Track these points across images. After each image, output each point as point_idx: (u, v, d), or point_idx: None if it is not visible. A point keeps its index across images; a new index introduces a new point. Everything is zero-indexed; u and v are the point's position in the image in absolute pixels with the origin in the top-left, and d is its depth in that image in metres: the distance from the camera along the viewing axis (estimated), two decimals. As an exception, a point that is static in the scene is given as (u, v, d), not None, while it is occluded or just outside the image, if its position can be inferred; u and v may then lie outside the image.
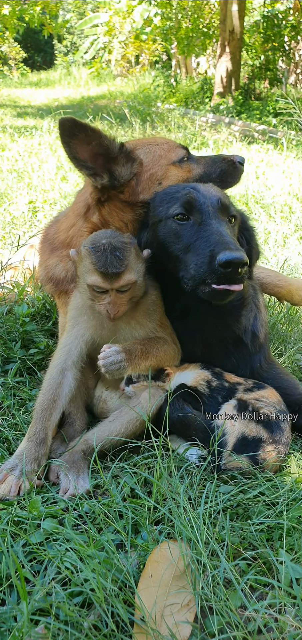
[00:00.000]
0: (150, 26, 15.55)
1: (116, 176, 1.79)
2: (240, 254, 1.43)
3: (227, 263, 1.42)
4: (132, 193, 1.83)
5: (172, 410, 1.59)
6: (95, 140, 1.71)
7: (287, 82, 15.09)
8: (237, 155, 2.04)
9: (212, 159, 2.02)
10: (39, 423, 1.56)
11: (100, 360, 1.56)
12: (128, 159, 1.81)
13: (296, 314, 2.68)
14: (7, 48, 23.66)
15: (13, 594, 1.12)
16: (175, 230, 1.64)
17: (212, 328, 1.76)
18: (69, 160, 1.74)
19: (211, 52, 17.40)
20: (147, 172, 1.85)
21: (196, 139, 7.86)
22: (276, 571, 1.21)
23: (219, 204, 1.64)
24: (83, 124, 1.67)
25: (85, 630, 1.02)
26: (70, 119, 1.66)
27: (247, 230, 1.80)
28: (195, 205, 1.62)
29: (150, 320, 1.74)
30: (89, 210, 1.88)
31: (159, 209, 1.74)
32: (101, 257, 1.53)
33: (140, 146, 1.91)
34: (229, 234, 1.55)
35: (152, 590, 1.12)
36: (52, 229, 2.08)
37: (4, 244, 3.38)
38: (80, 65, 22.97)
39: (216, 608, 1.08)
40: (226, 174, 2.00)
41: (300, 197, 4.96)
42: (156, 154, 1.90)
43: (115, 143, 1.77)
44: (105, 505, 1.36)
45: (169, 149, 1.93)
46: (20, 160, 5.75)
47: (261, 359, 1.85)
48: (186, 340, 1.80)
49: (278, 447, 1.55)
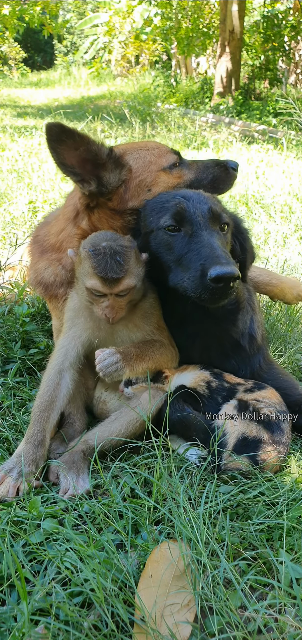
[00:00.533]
0: (150, 26, 15.55)
1: (104, 183, 1.76)
2: (231, 269, 1.41)
3: (218, 278, 1.41)
4: (120, 200, 1.80)
5: (172, 411, 1.59)
6: (83, 146, 1.69)
7: (287, 82, 15.09)
8: (230, 161, 2.01)
9: (205, 165, 1.99)
10: (36, 425, 1.55)
11: (97, 364, 1.56)
12: (117, 165, 1.78)
13: (296, 314, 2.68)
14: (7, 48, 23.67)
15: (13, 594, 1.12)
16: (166, 241, 1.63)
17: (209, 333, 1.76)
18: (56, 166, 1.72)
19: (211, 52, 17.40)
20: (136, 179, 1.82)
21: (196, 139, 7.87)
22: (276, 571, 1.21)
23: (209, 212, 1.61)
24: (70, 130, 1.64)
25: (85, 630, 1.02)
26: (58, 124, 1.63)
27: (241, 233, 1.78)
28: (185, 216, 1.60)
29: (147, 324, 1.73)
30: (78, 216, 1.85)
31: (149, 218, 1.72)
32: (101, 261, 1.51)
33: (130, 151, 1.87)
34: (220, 245, 1.53)
35: (152, 590, 1.12)
36: (42, 231, 2.05)
37: (4, 244, 3.39)
38: (80, 65, 22.97)
39: (216, 608, 1.08)
40: (217, 180, 1.97)
41: (300, 197, 4.96)
42: (145, 159, 1.86)
43: (104, 149, 1.74)
44: (105, 505, 1.36)
45: (159, 155, 1.89)
46: (20, 160, 5.75)
47: (260, 360, 1.85)
48: (185, 346, 1.80)
49: (278, 447, 1.55)
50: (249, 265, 1.80)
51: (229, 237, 1.69)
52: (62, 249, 1.88)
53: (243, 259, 1.75)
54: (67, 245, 1.84)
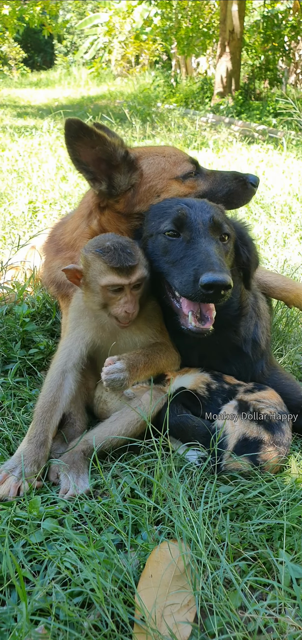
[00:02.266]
0: (150, 26, 15.54)
1: (114, 184, 1.77)
2: (223, 277, 1.40)
3: (209, 285, 1.41)
4: (127, 204, 1.80)
5: (171, 415, 1.59)
6: (100, 145, 1.70)
7: (287, 82, 15.10)
8: (251, 175, 1.96)
9: (223, 177, 1.95)
10: (39, 425, 1.56)
11: (103, 375, 1.54)
12: (130, 168, 1.78)
13: (296, 314, 2.68)
14: (7, 48, 23.67)
15: (13, 594, 1.12)
16: (164, 245, 1.64)
17: (209, 342, 1.73)
18: (71, 161, 1.74)
19: (211, 52, 17.40)
20: (146, 184, 1.81)
21: (196, 139, 7.87)
22: (276, 571, 1.21)
23: (211, 221, 1.61)
24: (89, 128, 1.65)
25: (85, 630, 1.02)
26: (77, 121, 1.64)
27: (246, 244, 1.76)
28: (186, 222, 1.60)
29: (150, 327, 1.73)
30: (91, 214, 1.87)
31: (151, 223, 1.72)
32: (114, 255, 1.54)
33: (146, 156, 1.86)
34: (216, 253, 1.52)
35: (152, 590, 1.12)
36: (58, 230, 2.07)
37: (4, 243, 3.38)
38: (80, 65, 22.98)
39: (216, 608, 1.08)
40: (233, 194, 1.93)
41: (300, 197, 4.96)
42: (159, 166, 1.84)
43: (120, 150, 1.74)
44: (105, 505, 1.36)
45: (175, 163, 1.87)
46: (20, 160, 5.75)
47: (262, 366, 1.84)
48: (184, 355, 1.80)
49: (279, 448, 1.55)
50: (253, 272, 1.78)
51: (231, 248, 1.68)
52: (75, 247, 1.89)
53: (247, 267, 1.74)
54: (81, 243, 1.85)
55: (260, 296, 1.99)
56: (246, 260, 1.74)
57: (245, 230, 1.80)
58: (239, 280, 1.77)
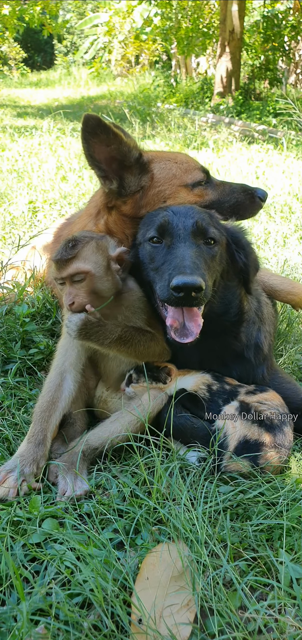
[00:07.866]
0: (150, 26, 15.53)
1: (125, 185, 1.77)
2: (192, 279, 1.40)
3: (178, 288, 1.41)
4: (134, 206, 1.80)
5: (171, 417, 1.59)
6: (115, 144, 1.70)
7: (287, 82, 15.10)
8: (259, 189, 1.97)
9: (232, 188, 1.96)
10: (37, 424, 1.56)
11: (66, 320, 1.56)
12: (142, 170, 1.79)
13: (296, 314, 2.68)
14: (7, 48, 23.67)
15: (13, 594, 1.12)
16: (149, 252, 1.65)
17: (208, 347, 1.73)
18: (84, 156, 1.74)
19: (211, 52, 17.41)
20: (155, 188, 1.81)
21: (195, 139, 7.87)
22: (276, 571, 1.21)
23: (194, 227, 1.60)
24: (107, 125, 1.66)
25: (85, 631, 1.02)
26: (95, 117, 1.64)
27: (243, 249, 1.75)
28: (167, 229, 1.61)
29: (138, 319, 1.72)
30: (99, 214, 1.86)
31: (141, 231, 1.74)
32: (58, 249, 1.61)
33: (158, 160, 1.86)
34: (192, 257, 1.51)
35: (149, 591, 1.12)
36: (65, 231, 2.09)
37: (4, 243, 3.38)
38: (80, 65, 22.99)
39: (216, 608, 1.08)
40: (240, 206, 1.94)
41: (300, 197, 4.96)
42: (170, 172, 1.84)
43: (134, 152, 1.75)
44: (105, 506, 1.36)
45: (186, 170, 1.87)
46: (20, 160, 5.75)
47: (264, 371, 1.84)
48: (183, 361, 1.79)
49: (280, 450, 1.55)
50: (253, 277, 1.77)
51: (218, 252, 1.65)
52: None
53: (246, 272, 1.74)
54: None
55: (264, 300, 1.97)
56: (243, 265, 1.73)
57: (241, 234, 1.77)
58: (238, 285, 1.76)
